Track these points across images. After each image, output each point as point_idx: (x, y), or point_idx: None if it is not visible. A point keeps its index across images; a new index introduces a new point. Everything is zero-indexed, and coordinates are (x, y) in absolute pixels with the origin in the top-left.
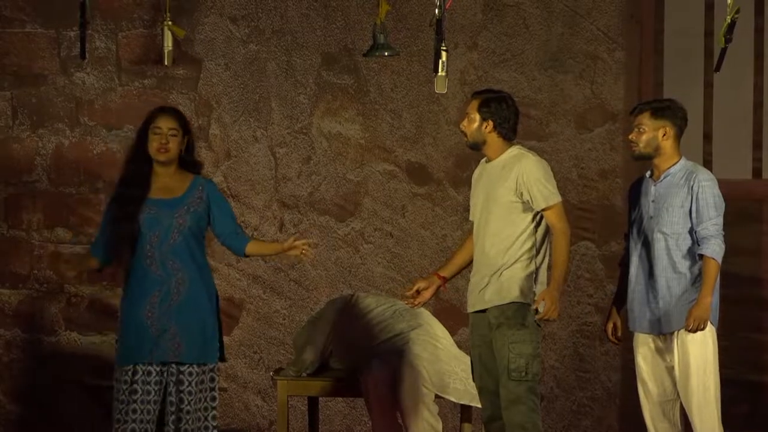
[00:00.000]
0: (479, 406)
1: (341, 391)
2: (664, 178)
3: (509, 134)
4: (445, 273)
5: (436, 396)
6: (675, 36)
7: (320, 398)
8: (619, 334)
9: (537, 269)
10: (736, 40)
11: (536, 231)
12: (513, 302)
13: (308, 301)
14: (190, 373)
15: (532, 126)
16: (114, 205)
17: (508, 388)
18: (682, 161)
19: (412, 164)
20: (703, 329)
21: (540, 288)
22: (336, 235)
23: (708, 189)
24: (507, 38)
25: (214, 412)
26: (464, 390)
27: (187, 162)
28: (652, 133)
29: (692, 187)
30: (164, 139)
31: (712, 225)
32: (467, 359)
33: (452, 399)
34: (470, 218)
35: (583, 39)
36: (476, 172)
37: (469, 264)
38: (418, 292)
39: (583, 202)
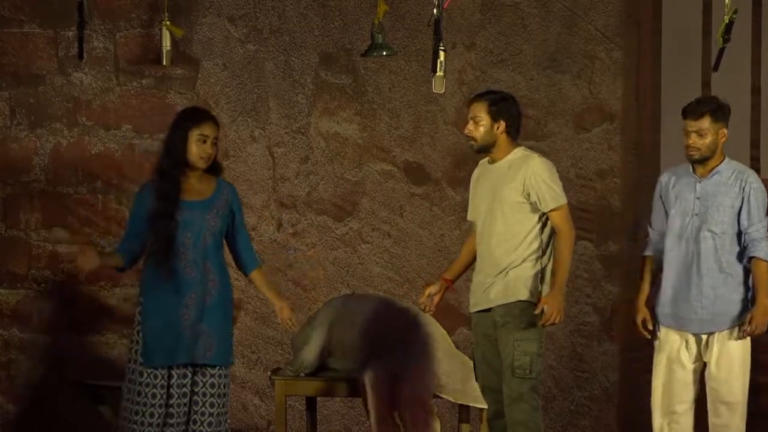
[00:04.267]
0: (477, 406)
1: (339, 391)
2: (712, 176)
3: (516, 134)
4: (450, 275)
5: (434, 396)
6: (673, 36)
7: (318, 398)
8: (650, 327)
9: (543, 269)
10: (734, 40)
11: (542, 231)
12: (519, 301)
13: (306, 301)
14: (219, 375)
15: (530, 126)
16: (157, 203)
17: (511, 386)
18: (727, 159)
19: (409, 164)
20: (763, 332)
21: (546, 288)
22: (334, 235)
23: (759, 191)
24: (505, 38)
25: (227, 416)
26: (462, 390)
27: (212, 164)
28: (712, 136)
29: (744, 188)
30: (210, 148)
31: (763, 227)
32: (465, 359)
33: (450, 399)
34: (469, 218)
35: (581, 39)
36: (476, 172)
37: (471, 264)
38: (431, 298)
39: (581, 202)
